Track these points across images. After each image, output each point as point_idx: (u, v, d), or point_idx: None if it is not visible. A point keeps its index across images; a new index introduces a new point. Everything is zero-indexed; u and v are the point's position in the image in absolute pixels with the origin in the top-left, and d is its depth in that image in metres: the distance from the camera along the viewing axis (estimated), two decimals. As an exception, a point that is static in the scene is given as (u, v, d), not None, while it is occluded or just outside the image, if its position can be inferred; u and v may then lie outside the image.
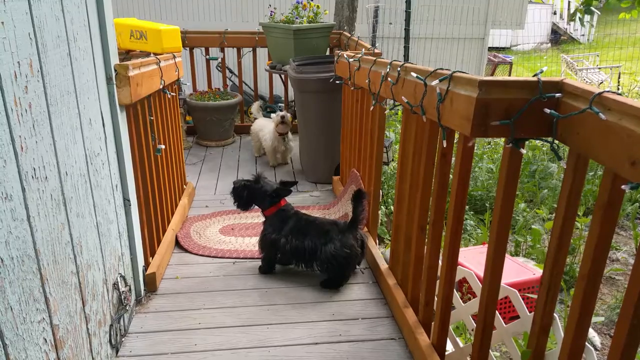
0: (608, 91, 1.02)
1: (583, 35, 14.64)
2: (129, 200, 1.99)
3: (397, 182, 2.09)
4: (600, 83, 8.52)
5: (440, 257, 1.67)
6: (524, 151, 1.27)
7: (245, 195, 2.36)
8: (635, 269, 0.97)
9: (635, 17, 5.23)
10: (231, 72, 5.69)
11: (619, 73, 8.85)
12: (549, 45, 14.96)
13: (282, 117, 3.74)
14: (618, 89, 8.38)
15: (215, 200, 3.35)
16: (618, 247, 3.21)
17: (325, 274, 2.29)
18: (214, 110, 4.39)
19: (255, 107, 4.34)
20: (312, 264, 2.29)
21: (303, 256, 2.27)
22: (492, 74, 9.27)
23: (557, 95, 1.17)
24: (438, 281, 1.68)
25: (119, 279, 1.88)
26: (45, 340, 1.22)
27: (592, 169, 4.05)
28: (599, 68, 9.06)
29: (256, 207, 2.43)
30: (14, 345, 1.07)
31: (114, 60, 1.85)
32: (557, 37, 15.27)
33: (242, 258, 2.57)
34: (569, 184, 1.18)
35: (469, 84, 1.27)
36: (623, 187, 0.94)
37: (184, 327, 2.00)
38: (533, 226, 3.10)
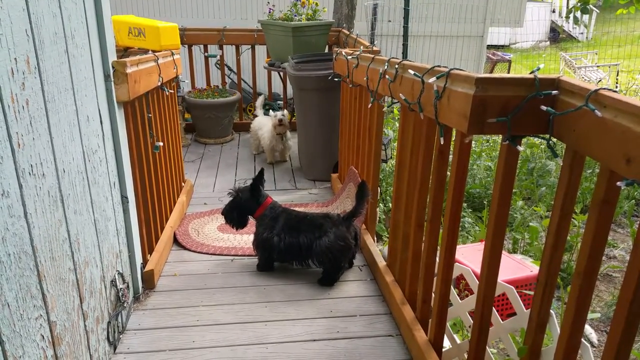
0: (604, 88, 1.03)
1: (582, 33, 14.64)
2: (126, 198, 1.99)
3: (395, 180, 2.09)
4: (599, 81, 8.53)
5: (438, 254, 1.67)
6: (520, 148, 1.27)
7: (236, 214, 2.40)
8: (631, 266, 0.97)
9: (633, 13, 5.23)
10: (230, 69, 5.69)
11: (618, 71, 8.86)
12: (548, 43, 14.96)
13: (280, 120, 3.74)
14: (616, 87, 8.38)
15: (214, 197, 3.35)
16: (615, 245, 3.22)
17: (321, 268, 2.30)
18: (212, 108, 4.39)
19: (259, 102, 4.34)
20: (307, 260, 2.29)
21: (298, 253, 2.27)
22: (490, 72, 9.27)
23: (554, 92, 1.17)
24: (435, 278, 1.69)
25: (116, 276, 1.88)
26: (43, 336, 1.23)
27: (591, 167, 4.06)
28: (598, 66, 9.07)
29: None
30: (11, 342, 1.08)
31: (112, 57, 1.85)
32: (556, 36, 15.27)
33: (240, 255, 2.58)
34: (565, 181, 1.18)
35: (466, 81, 1.27)
36: (618, 183, 0.95)
37: (182, 324, 2.00)
38: (531, 224, 3.11)
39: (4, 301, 1.05)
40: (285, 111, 3.86)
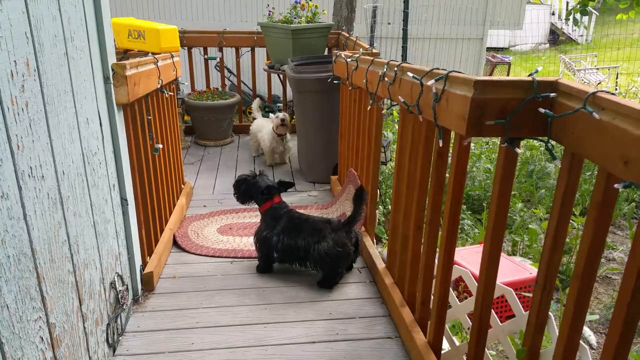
0: (602, 91, 1.03)
1: (581, 35, 14.66)
2: (126, 200, 1.99)
3: (394, 182, 2.10)
4: (598, 83, 8.54)
5: (437, 257, 1.67)
6: (519, 150, 1.27)
7: (243, 189, 2.42)
8: (629, 268, 0.98)
9: (632, 18, 5.25)
10: (230, 71, 5.69)
11: (617, 73, 8.87)
12: (547, 45, 14.99)
13: (282, 120, 3.74)
14: (616, 89, 8.39)
15: (214, 199, 3.35)
16: (615, 247, 3.22)
17: (320, 273, 2.30)
18: (212, 110, 4.39)
19: (255, 104, 4.35)
20: (305, 263, 2.29)
21: (297, 255, 2.28)
22: (490, 74, 9.28)
23: (552, 95, 1.18)
24: (434, 280, 1.69)
25: (116, 278, 1.88)
26: (42, 338, 1.23)
27: (590, 169, 4.06)
28: (597, 68, 9.08)
29: (255, 205, 2.47)
30: (10, 344, 1.08)
31: (112, 59, 1.85)
32: (556, 38, 15.30)
33: (240, 257, 2.58)
34: (563, 183, 1.19)
35: (464, 83, 1.28)
36: (616, 185, 0.95)
37: (182, 326, 2.00)
38: (530, 226, 3.11)
39: (3, 303, 1.05)
40: (285, 113, 3.87)
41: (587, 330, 2.34)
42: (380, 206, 3.30)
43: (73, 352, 1.43)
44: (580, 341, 1.21)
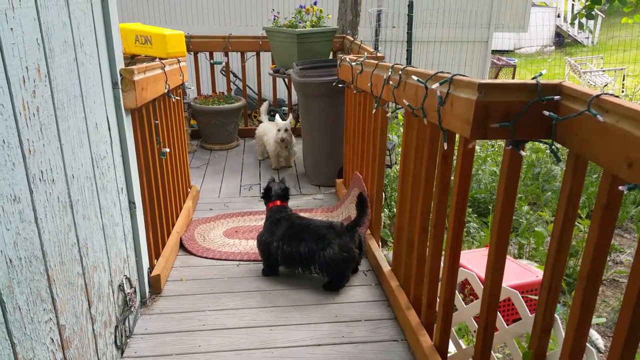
0: (606, 93, 1.04)
1: (587, 37, 14.61)
2: (134, 203, 2.02)
3: (399, 185, 2.10)
4: (605, 86, 8.50)
5: (442, 259, 1.68)
6: (523, 153, 1.28)
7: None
8: (634, 271, 0.98)
9: (638, 22, 5.25)
10: (235, 76, 5.72)
11: (624, 75, 8.83)
12: (553, 48, 14.95)
13: (282, 139, 3.74)
14: (622, 91, 8.35)
15: (220, 203, 3.37)
16: (622, 250, 3.20)
17: (325, 277, 2.31)
18: (218, 114, 4.42)
19: (263, 107, 4.37)
20: (309, 268, 2.30)
21: (299, 261, 2.29)
22: (495, 77, 9.27)
23: (556, 97, 1.18)
24: (440, 283, 1.69)
25: (124, 280, 1.90)
26: (52, 340, 1.25)
27: (597, 172, 4.05)
28: (603, 71, 9.04)
29: (260, 210, 2.52)
30: (22, 345, 1.09)
31: (120, 65, 1.88)
32: (561, 40, 15.25)
33: (246, 260, 2.59)
34: (568, 186, 1.19)
35: (468, 87, 1.29)
36: (620, 188, 0.96)
37: (188, 329, 2.02)
38: (536, 229, 3.10)
39: (15, 304, 1.07)
40: (291, 116, 3.88)
41: (594, 334, 2.33)
42: (385, 209, 3.31)
43: (82, 354, 1.44)
44: (587, 344, 1.21)
